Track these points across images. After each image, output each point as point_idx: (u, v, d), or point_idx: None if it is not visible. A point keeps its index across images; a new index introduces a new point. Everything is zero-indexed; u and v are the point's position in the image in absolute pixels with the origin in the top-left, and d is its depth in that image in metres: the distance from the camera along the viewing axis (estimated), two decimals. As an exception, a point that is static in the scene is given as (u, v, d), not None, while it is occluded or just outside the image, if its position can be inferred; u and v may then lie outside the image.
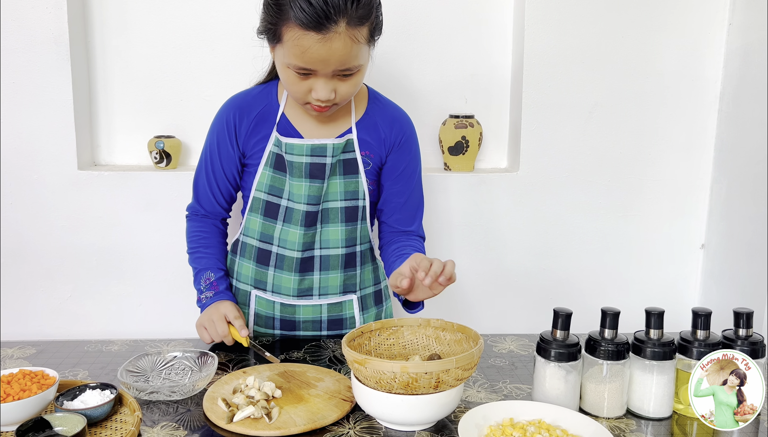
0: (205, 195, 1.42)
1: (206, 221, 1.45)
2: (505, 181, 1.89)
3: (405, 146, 1.39)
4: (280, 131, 1.34)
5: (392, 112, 1.40)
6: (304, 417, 1.07)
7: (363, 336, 1.18)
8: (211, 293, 1.38)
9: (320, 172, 1.33)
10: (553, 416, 1.06)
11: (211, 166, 1.40)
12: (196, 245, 1.43)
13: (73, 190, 1.76)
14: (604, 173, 1.92)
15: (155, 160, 1.78)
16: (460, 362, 1.01)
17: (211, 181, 1.41)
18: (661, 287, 2.00)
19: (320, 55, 1.15)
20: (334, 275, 1.40)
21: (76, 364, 1.29)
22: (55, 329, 1.81)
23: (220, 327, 1.31)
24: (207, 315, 1.34)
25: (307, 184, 1.33)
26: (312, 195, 1.34)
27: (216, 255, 1.43)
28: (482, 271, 1.94)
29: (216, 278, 1.40)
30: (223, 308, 1.33)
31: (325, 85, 1.21)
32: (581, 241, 1.95)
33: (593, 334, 1.14)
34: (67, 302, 1.81)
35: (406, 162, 1.39)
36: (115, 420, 1.05)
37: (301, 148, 1.32)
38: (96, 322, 1.82)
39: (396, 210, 1.42)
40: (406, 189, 1.41)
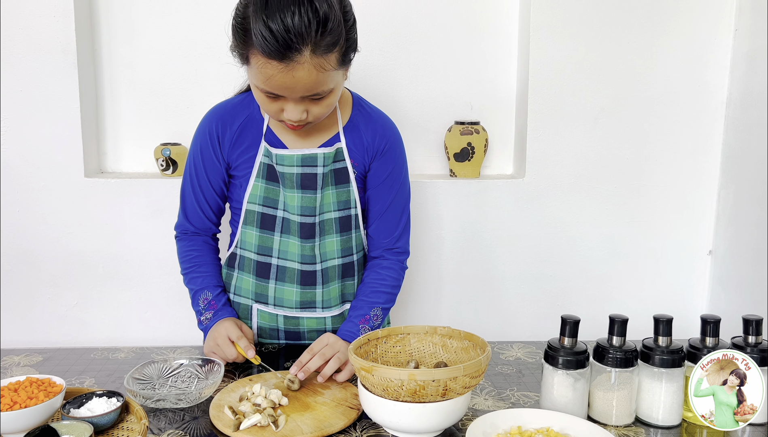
0: (193, 210, 1.39)
1: (196, 239, 1.41)
2: (511, 187, 1.89)
3: (388, 154, 1.35)
4: (267, 142, 1.32)
5: (376, 118, 1.36)
6: (311, 424, 1.06)
7: (369, 344, 1.18)
8: (210, 313, 1.35)
9: (312, 182, 1.31)
10: (561, 424, 1.05)
11: (197, 179, 1.36)
12: (190, 265, 1.40)
13: (80, 197, 1.77)
14: (611, 179, 1.92)
15: (161, 167, 1.79)
16: (468, 370, 1.00)
17: (198, 195, 1.37)
18: (668, 293, 1.99)
19: (284, 83, 1.12)
20: (334, 286, 1.39)
21: (82, 372, 1.29)
22: (61, 336, 1.81)
23: (227, 351, 1.28)
24: (212, 338, 1.31)
25: (299, 194, 1.31)
26: (306, 206, 1.32)
27: (211, 273, 1.40)
28: (488, 278, 1.93)
29: (213, 296, 1.37)
30: (224, 329, 1.29)
31: (295, 108, 1.18)
32: (588, 248, 1.95)
33: (601, 342, 1.13)
34: (74, 309, 1.81)
35: (389, 170, 1.36)
36: (121, 428, 1.05)
37: (292, 158, 1.29)
38: (102, 329, 1.82)
39: (376, 218, 1.38)
40: (387, 197, 1.37)
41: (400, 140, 1.39)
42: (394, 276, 1.39)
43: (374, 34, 1.85)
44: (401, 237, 1.41)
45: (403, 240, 1.41)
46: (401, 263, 1.41)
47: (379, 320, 1.35)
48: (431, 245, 1.90)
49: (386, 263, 1.40)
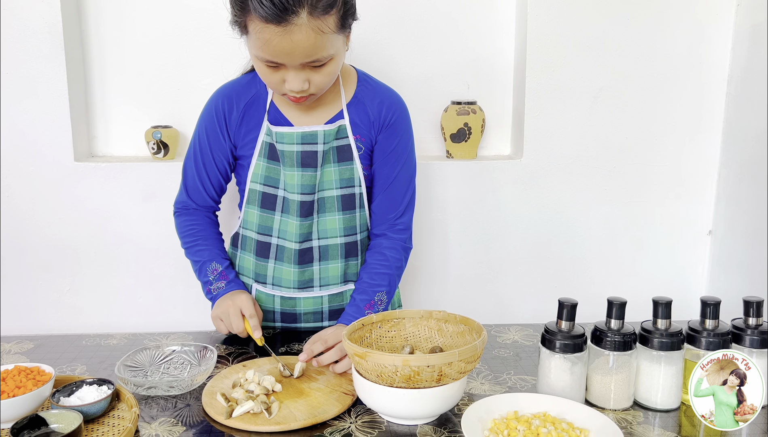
0: (194, 186, 1.39)
1: (198, 214, 1.41)
2: (509, 168, 1.86)
3: (394, 127, 1.34)
4: (270, 120, 1.32)
5: (382, 92, 1.35)
6: (305, 411, 1.05)
7: (364, 329, 1.16)
8: (223, 283, 1.35)
9: (312, 160, 1.30)
10: (558, 409, 1.04)
11: (201, 155, 1.36)
12: (194, 238, 1.40)
13: (70, 182, 1.74)
14: (610, 159, 1.89)
15: (153, 150, 1.76)
16: (463, 355, 0.98)
17: (201, 171, 1.37)
18: (667, 274, 1.97)
19: (283, 48, 1.11)
20: (335, 265, 1.38)
21: (74, 359, 1.27)
22: (54, 322, 1.79)
23: (235, 323, 1.28)
24: (223, 306, 1.30)
25: (299, 173, 1.30)
26: (305, 184, 1.31)
27: (216, 246, 1.40)
28: (485, 260, 1.91)
29: (223, 268, 1.37)
30: (240, 301, 1.29)
31: (296, 77, 1.17)
32: (586, 228, 1.92)
33: (599, 325, 1.11)
34: (66, 295, 1.79)
35: (395, 143, 1.34)
36: (112, 416, 1.03)
37: (292, 136, 1.29)
38: (95, 315, 1.81)
39: (380, 191, 1.36)
40: (392, 171, 1.35)
41: (407, 114, 1.38)
42: (397, 257, 1.37)
43: (369, 11, 1.80)
44: (405, 212, 1.38)
45: (407, 217, 1.39)
46: (404, 242, 1.39)
47: (383, 304, 1.34)
48: (427, 228, 1.88)
49: (389, 243, 1.37)
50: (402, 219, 1.38)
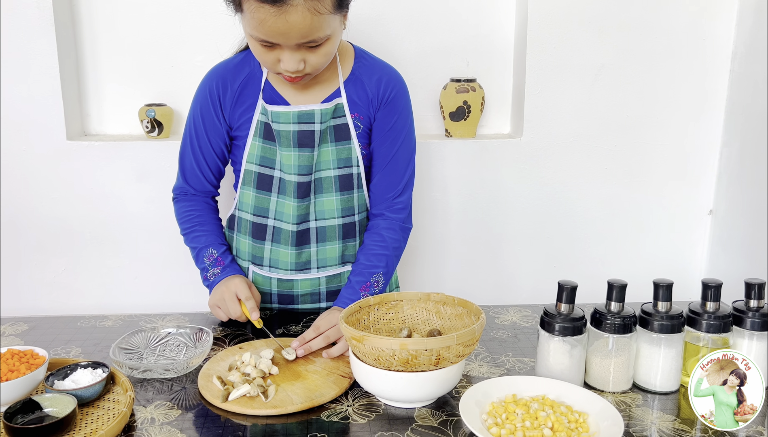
0: (192, 172, 1.36)
1: (196, 199, 1.39)
2: (508, 147, 1.84)
3: (393, 103, 1.31)
4: (265, 99, 1.29)
5: (380, 69, 1.32)
6: (302, 394, 1.04)
7: (361, 311, 1.15)
8: (218, 269, 1.33)
9: (309, 139, 1.28)
10: (557, 392, 1.03)
11: (197, 140, 1.33)
12: (191, 224, 1.37)
13: (63, 161, 1.71)
14: (611, 138, 1.87)
15: (146, 129, 1.73)
16: (462, 338, 0.97)
17: (198, 156, 1.34)
18: (667, 254, 1.96)
19: (278, 28, 1.08)
20: (332, 246, 1.36)
21: (68, 341, 1.26)
22: (50, 303, 1.78)
23: (232, 308, 1.26)
24: (219, 293, 1.29)
25: (296, 153, 1.28)
26: (302, 165, 1.29)
27: (215, 232, 1.37)
28: (484, 240, 1.90)
29: (219, 253, 1.34)
30: (234, 286, 1.27)
31: (291, 57, 1.14)
32: (586, 208, 1.91)
33: (599, 307, 1.10)
34: (62, 276, 1.78)
35: (393, 120, 1.31)
36: (107, 400, 1.02)
37: (288, 115, 1.26)
38: (91, 296, 1.79)
39: (379, 170, 1.34)
40: (391, 148, 1.32)
41: (406, 91, 1.35)
42: (395, 238, 1.35)
43: (366, -14, 1.76)
44: (403, 192, 1.36)
45: (405, 196, 1.36)
46: (402, 222, 1.36)
47: (380, 286, 1.32)
48: (426, 208, 1.86)
49: (386, 223, 1.35)
50: (400, 198, 1.35)
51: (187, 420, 0.99)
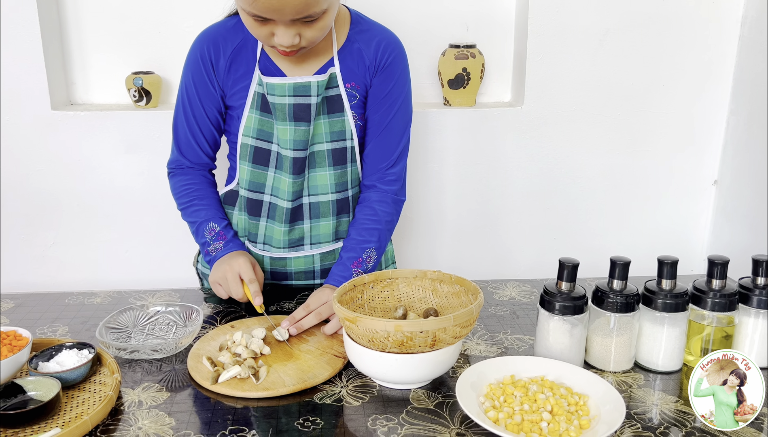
0: (187, 143, 1.29)
1: (193, 173, 1.33)
2: (509, 115, 1.78)
3: (390, 69, 1.25)
4: (261, 69, 1.23)
5: (378, 34, 1.25)
6: (294, 376, 1.01)
7: (355, 290, 1.11)
8: (221, 243, 1.27)
9: (305, 113, 1.22)
10: (556, 373, 1.00)
11: (191, 108, 1.27)
12: (190, 198, 1.31)
13: (49, 132, 1.66)
14: (614, 106, 1.81)
15: (134, 98, 1.67)
16: (458, 319, 0.94)
17: (192, 126, 1.28)
18: (670, 225, 1.92)
19: (272, 4, 1.02)
20: (326, 223, 1.32)
21: (55, 319, 1.23)
22: (39, 277, 1.75)
23: (234, 289, 1.20)
24: (221, 270, 1.22)
25: (292, 127, 1.22)
26: (298, 139, 1.23)
27: (214, 206, 1.31)
28: (483, 212, 1.85)
29: (221, 227, 1.28)
30: (238, 265, 1.20)
31: (286, 32, 1.08)
32: (588, 178, 1.86)
33: (601, 285, 1.07)
34: (51, 249, 1.74)
35: (390, 86, 1.25)
36: (93, 382, 1.00)
37: (283, 87, 1.20)
38: (82, 270, 1.76)
39: (373, 138, 1.28)
40: (386, 116, 1.27)
41: (404, 56, 1.28)
42: (388, 212, 1.30)
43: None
44: (397, 162, 1.30)
45: (399, 167, 1.31)
46: (395, 195, 1.31)
47: (372, 262, 1.28)
48: (423, 179, 1.81)
49: (379, 196, 1.30)
50: (394, 169, 1.30)
51: (176, 403, 0.96)
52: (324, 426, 0.91)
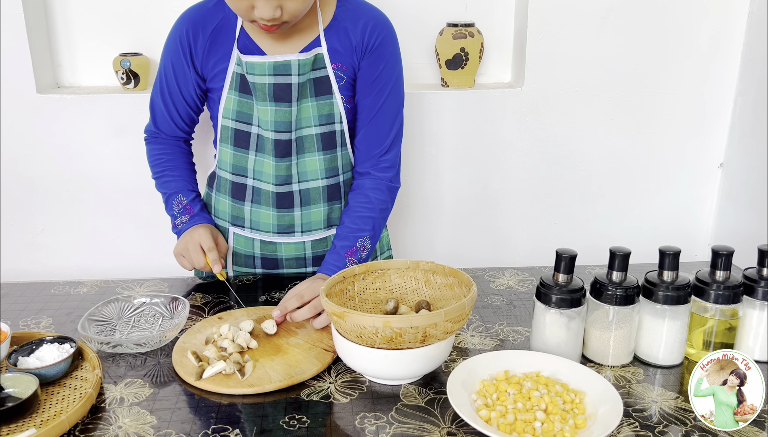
0: (162, 118, 1.29)
1: (168, 142, 1.33)
2: (509, 97, 1.72)
3: (379, 50, 1.20)
4: (240, 48, 1.18)
5: (365, 13, 1.20)
6: (281, 371, 0.98)
7: (346, 282, 1.07)
8: (186, 217, 1.28)
9: (286, 94, 1.18)
10: (552, 368, 0.97)
11: (167, 87, 1.25)
12: (162, 168, 1.31)
13: (35, 115, 1.61)
14: (618, 87, 1.75)
15: (122, 80, 1.62)
16: (450, 315, 0.90)
17: (168, 104, 1.27)
18: (674, 210, 1.87)
19: None
20: (317, 210, 1.28)
21: (40, 310, 1.20)
22: (29, 264, 1.71)
23: (195, 258, 1.22)
24: (183, 242, 1.24)
25: (272, 108, 1.18)
26: (279, 121, 1.19)
27: (184, 177, 1.32)
28: (481, 197, 1.81)
29: (188, 201, 1.29)
30: (198, 236, 1.23)
31: (266, 4, 1.04)
32: (590, 162, 1.81)
33: (599, 277, 1.03)
34: (40, 236, 1.70)
35: (379, 69, 1.21)
36: (74, 378, 0.97)
37: (263, 66, 1.16)
38: (72, 257, 1.73)
39: (364, 124, 1.24)
40: (377, 101, 1.22)
41: (394, 37, 1.23)
42: (382, 199, 1.26)
43: None
44: (391, 148, 1.26)
45: (393, 153, 1.27)
46: (389, 182, 1.27)
47: (366, 251, 1.25)
48: (420, 163, 1.76)
49: (373, 183, 1.26)
50: (387, 155, 1.26)
51: (159, 400, 0.93)
52: (310, 425, 0.88)
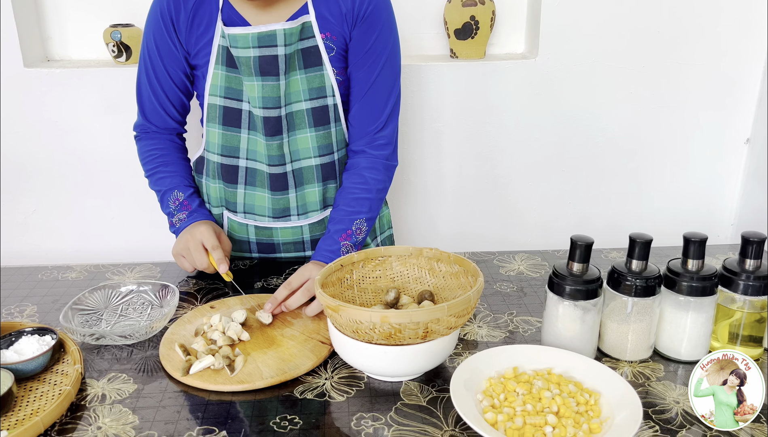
0: (152, 107, 1.20)
1: (160, 137, 1.24)
2: (522, 69, 1.63)
3: (371, 18, 1.11)
4: (224, 19, 1.10)
5: None
6: (273, 366, 0.91)
7: (343, 270, 1.00)
8: (184, 214, 1.19)
9: (272, 67, 1.09)
10: (565, 365, 0.90)
11: (153, 70, 1.17)
12: (154, 165, 1.22)
13: (23, 90, 1.54)
14: (638, 57, 1.64)
15: (113, 53, 1.54)
16: (454, 309, 0.83)
17: (156, 90, 1.18)
18: (696, 188, 1.77)
19: None
20: (312, 190, 1.20)
21: (25, 297, 1.14)
22: (22, 245, 1.66)
23: (198, 258, 1.12)
24: (183, 241, 1.14)
25: (259, 83, 1.10)
26: (267, 96, 1.11)
27: (180, 173, 1.23)
28: (491, 175, 1.72)
29: (186, 196, 1.20)
30: (200, 233, 1.13)
31: None
32: (608, 137, 1.71)
33: (618, 266, 0.95)
34: (32, 217, 1.65)
35: (372, 38, 1.12)
36: (55, 372, 0.91)
37: (246, 38, 1.08)
38: (66, 238, 1.67)
39: (358, 99, 1.16)
40: (371, 73, 1.14)
41: (387, 3, 1.14)
42: (379, 179, 1.19)
43: None
44: (387, 124, 1.18)
45: (389, 130, 1.19)
46: (386, 160, 1.20)
47: (362, 234, 1.17)
48: (428, 139, 1.68)
49: (367, 162, 1.19)
50: (383, 132, 1.18)
51: (143, 397, 0.87)
52: (302, 427, 0.82)
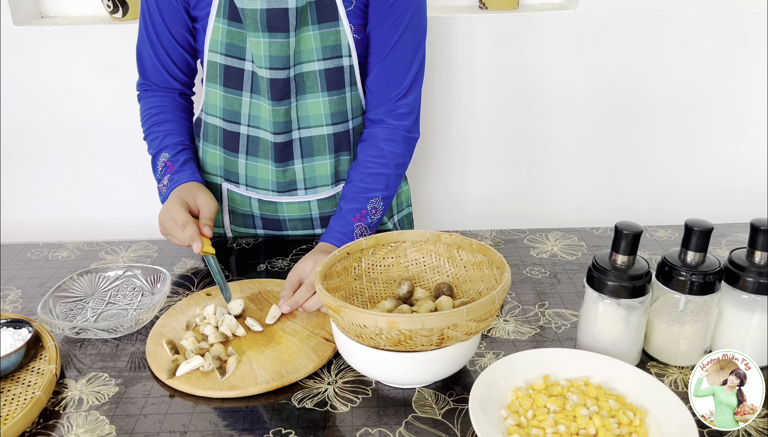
0: (152, 66, 1.09)
1: (160, 95, 1.13)
2: (559, 21, 1.46)
3: None
4: None
5: None
6: (270, 369, 0.81)
7: (350, 258, 0.88)
8: (167, 179, 1.06)
9: (282, 21, 0.96)
10: (605, 374, 0.77)
11: (153, 26, 1.05)
12: (149, 125, 1.12)
13: (13, 51, 1.43)
14: (692, 7, 1.45)
15: (108, 8, 1.41)
16: (474, 313, 0.70)
17: (156, 48, 1.07)
18: (755, 157, 1.60)
19: None
20: (322, 162, 1.08)
21: (10, 279, 1.06)
22: (23, 215, 1.59)
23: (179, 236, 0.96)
24: (162, 218, 1.01)
25: (266, 40, 0.97)
26: (275, 55, 0.98)
27: (174, 131, 1.10)
28: (523, 142, 1.57)
29: (170, 156, 1.07)
30: (172, 209, 0.96)
31: None
32: (656, 98, 1.54)
33: (669, 257, 0.81)
34: (31, 186, 1.56)
35: None
36: (31, 371, 0.82)
37: None
38: (69, 207, 1.59)
39: (377, 61, 1.03)
40: (393, 33, 1.00)
41: None
42: (398, 152, 1.06)
43: None
44: (410, 90, 1.05)
45: (412, 97, 1.06)
46: (407, 132, 1.07)
47: (378, 214, 1.05)
48: (455, 101, 1.53)
49: (386, 133, 1.06)
50: (405, 99, 1.04)
51: (124, 402, 0.78)
52: (298, 443, 0.72)
